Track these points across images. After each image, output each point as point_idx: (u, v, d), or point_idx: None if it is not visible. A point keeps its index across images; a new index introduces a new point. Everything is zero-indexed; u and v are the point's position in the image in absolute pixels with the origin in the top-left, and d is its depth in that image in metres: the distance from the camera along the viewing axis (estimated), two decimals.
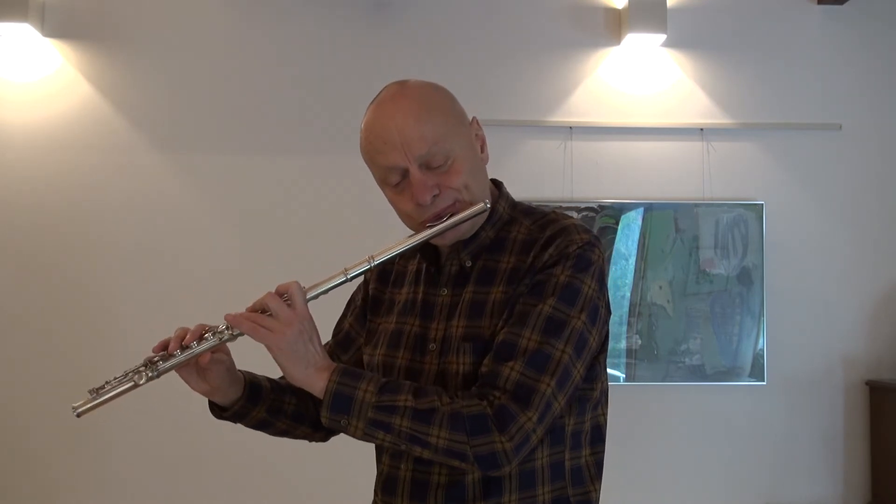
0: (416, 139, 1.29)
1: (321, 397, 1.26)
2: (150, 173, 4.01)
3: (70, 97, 4.00)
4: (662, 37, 4.04)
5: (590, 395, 1.36)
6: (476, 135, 1.41)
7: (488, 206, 1.34)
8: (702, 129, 4.16)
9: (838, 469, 4.13)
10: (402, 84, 1.37)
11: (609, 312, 1.37)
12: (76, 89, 4.01)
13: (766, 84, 4.20)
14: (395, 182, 1.34)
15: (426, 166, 1.31)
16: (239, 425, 1.50)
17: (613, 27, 4.16)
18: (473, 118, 1.42)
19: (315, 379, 1.26)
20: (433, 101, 1.34)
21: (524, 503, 1.30)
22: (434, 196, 1.31)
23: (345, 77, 4.06)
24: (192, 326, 1.34)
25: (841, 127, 4.19)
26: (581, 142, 4.13)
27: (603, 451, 1.41)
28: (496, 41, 4.14)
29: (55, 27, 4.00)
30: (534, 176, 4.09)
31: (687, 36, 4.17)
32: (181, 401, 3.77)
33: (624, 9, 4.08)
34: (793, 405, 4.12)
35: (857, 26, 4.23)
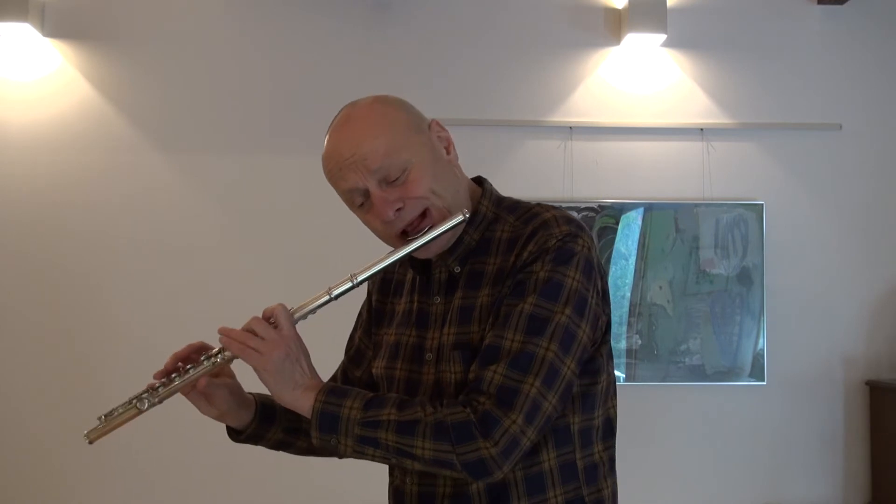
0: (368, 156, 1.29)
1: (309, 417, 1.25)
2: (149, 173, 4.00)
3: (70, 97, 4.00)
4: (662, 37, 4.04)
5: (594, 390, 1.34)
6: (438, 136, 1.38)
7: (467, 215, 1.32)
8: (702, 129, 4.16)
9: (838, 469, 4.13)
10: (351, 105, 1.37)
11: (607, 301, 1.35)
12: (76, 89, 4.00)
13: (766, 84, 4.20)
14: (359, 203, 1.33)
15: (385, 181, 1.30)
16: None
17: (613, 27, 4.16)
18: (433, 121, 1.39)
19: (302, 400, 1.26)
20: (381, 115, 1.33)
21: None
22: (398, 210, 1.30)
23: (345, 77, 4.06)
24: (190, 335, 1.39)
25: (841, 127, 4.19)
26: (581, 142, 4.13)
27: (614, 446, 1.39)
28: (496, 41, 4.14)
29: (55, 27, 4.00)
30: (534, 176, 4.09)
31: (687, 36, 4.17)
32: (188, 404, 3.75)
33: (624, 9, 4.08)
34: (793, 405, 4.12)
35: (857, 26, 4.23)
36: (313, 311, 1.32)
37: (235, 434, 1.46)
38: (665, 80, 4.17)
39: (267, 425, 1.45)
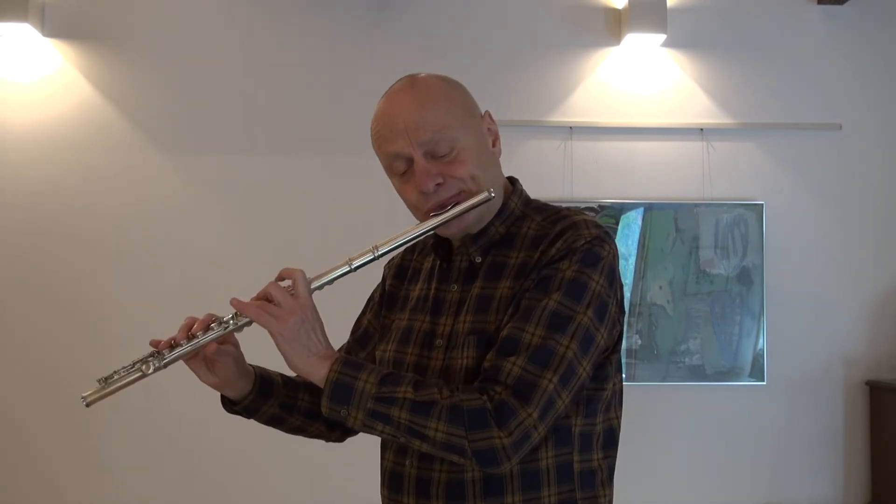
0: (420, 126, 1.30)
1: (322, 386, 1.25)
2: (150, 173, 4.00)
3: (70, 97, 4.00)
4: (662, 37, 4.04)
5: (600, 396, 1.34)
6: (488, 129, 1.41)
7: (493, 195, 1.33)
8: (702, 129, 4.16)
9: (838, 469, 4.13)
10: (412, 76, 1.39)
11: (622, 311, 1.36)
12: (76, 89, 4.00)
13: (766, 84, 4.20)
14: (400, 171, 1.34)
15: (431, 155, 1.32)
16: (252, 422, 1.50)
17: (613, 27, 4.16)
18: (486, 112, 1.43)
19: (316, 368, 1.25)
20: (440, 90, 1.36)
21: None
22: (438, 185, 1.31)
23: (345, 76, 4.06)
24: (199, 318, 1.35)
25: (841, 127, 4.19)
26: (581, 142, 4.13)
27: (615, 456, 1.39)
28: (496, 41, 4.14)
29: (55, 27, 4.00)
30: (534, 176, 4.08)
31: (687, 36, 4.17)
32: (184, 401, 3.76)
33: (624, 9, 4.08)
34: (793, 405, 4.12)
35: (857, 26, 4.23)
36: (331, 281, 1.32)
37: (230, 405, 1.45)
38: (665, 80, 4.17)
39: (264, 398, 1.44)
